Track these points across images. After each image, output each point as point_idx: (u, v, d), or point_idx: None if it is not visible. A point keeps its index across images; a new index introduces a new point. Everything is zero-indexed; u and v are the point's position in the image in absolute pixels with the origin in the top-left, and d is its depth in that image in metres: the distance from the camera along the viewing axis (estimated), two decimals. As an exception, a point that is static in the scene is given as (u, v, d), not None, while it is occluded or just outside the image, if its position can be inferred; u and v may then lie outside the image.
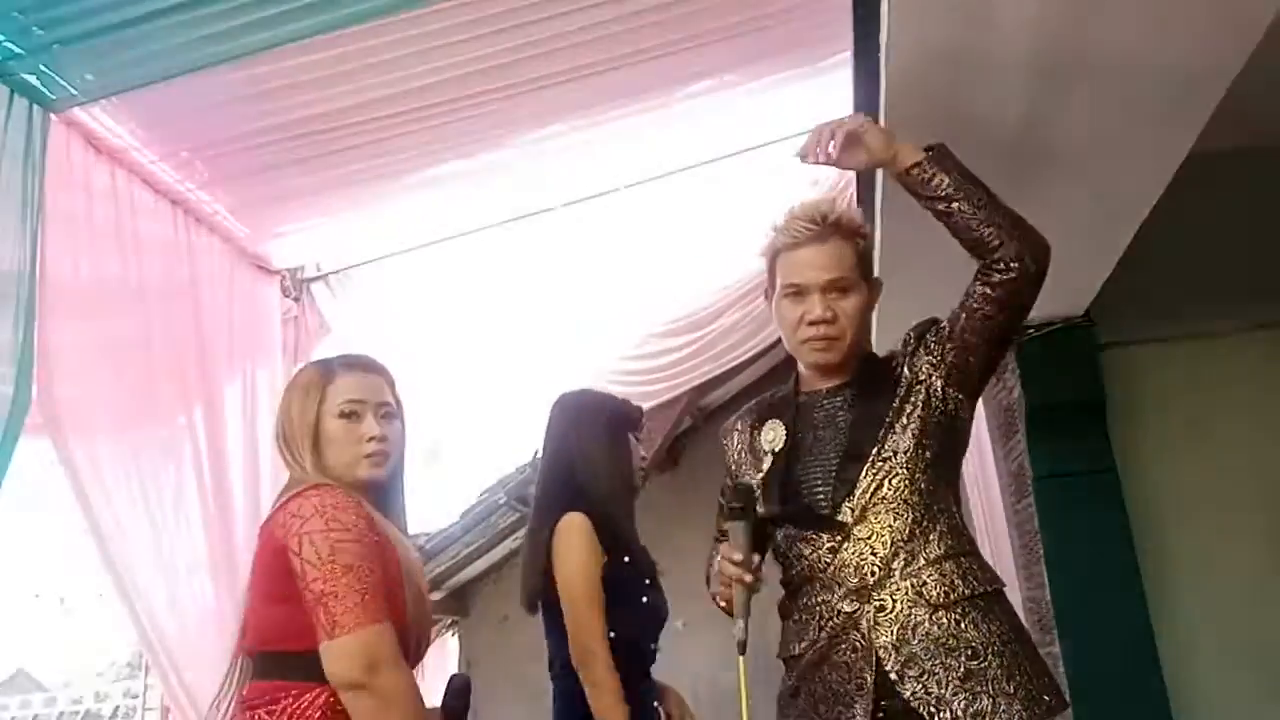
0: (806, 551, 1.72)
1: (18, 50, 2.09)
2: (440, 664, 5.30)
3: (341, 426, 1.71)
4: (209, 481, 2.90)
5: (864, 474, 1.68)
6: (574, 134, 3.12)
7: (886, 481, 1.68)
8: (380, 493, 1.77)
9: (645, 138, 3.30)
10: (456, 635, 5.86)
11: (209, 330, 3.02)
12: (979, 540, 3.29)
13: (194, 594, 2.76)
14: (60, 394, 2.38)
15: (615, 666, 2.14)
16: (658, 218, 3.89)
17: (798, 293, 1.75)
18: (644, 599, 2.26)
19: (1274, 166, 3.04)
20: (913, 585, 1.64)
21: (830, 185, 3.62)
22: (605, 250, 3.99)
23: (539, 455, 2.51)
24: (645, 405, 4.28)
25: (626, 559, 2.24)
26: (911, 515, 1.67)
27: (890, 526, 1.66)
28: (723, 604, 1.76)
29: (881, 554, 1.66)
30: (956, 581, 1.65)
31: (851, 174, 3.05)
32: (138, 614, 2.59)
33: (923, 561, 1.65)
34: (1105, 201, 2.36)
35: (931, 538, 1.67)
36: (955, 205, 1.66)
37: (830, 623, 1.67)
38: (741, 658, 1.60)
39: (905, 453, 1.69)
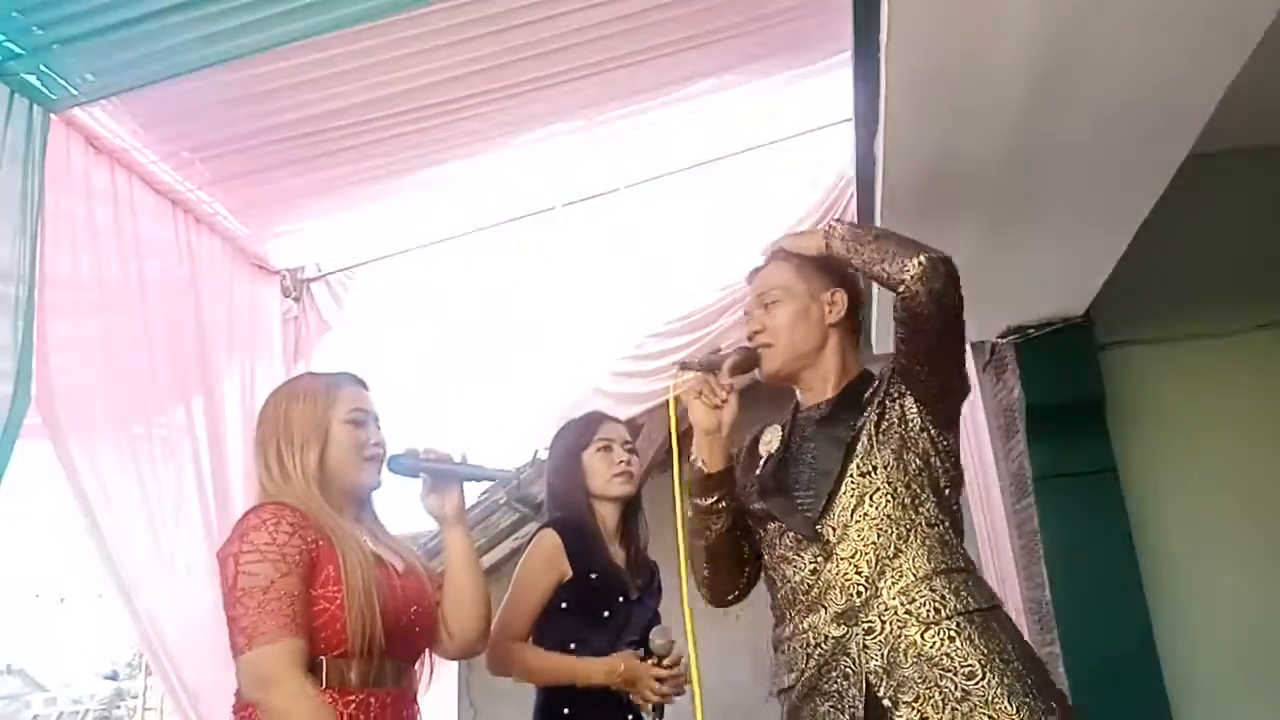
0: (790, 573, 1.69)
1: (18, 50, 2.08)
2: (439, 663, 5.25)
3: (349, 432, 1.83)
4: (209, 481, 2.89)
5: (842, 489, 1.67)
6: (574, 134, 3.12)
7: (868, 498, 1.65)
8: (364, 496, 1.89)
9: (645, 138, 3.29)
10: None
11: (209, 330, 3.01)
12: (979, 540, 3.31)
13: (194, 594, 2.75)
14: (60, 394, 2.38)
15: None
16: (658, 218, 3.89)
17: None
18: (606, 613, 2.30)
19: (1274, 166, 3.04)
20: (901, 604, 1.58)
21: (830, 186, 3.62)
22: (605, 250, 3.99)
23: (538, 456, 2.57)
24: (646, 405, 4.29)
25: (594, 576, 2.30)
26: (895, 531, 1.63)
27: (874, 543, 1.62)
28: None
29: (866, 572, 1.61)
30: (948, 596, 1.59)
31: (851, 174, 3.05)
32: (138, 614, 2.58)
33: (911, 578, 1.60)
34: (1105, 201, 2.36)
35: (920, 553, 1.62)
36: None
37: (819, 649, 1.62)
38: None
39: (886, 468, 1.67)
